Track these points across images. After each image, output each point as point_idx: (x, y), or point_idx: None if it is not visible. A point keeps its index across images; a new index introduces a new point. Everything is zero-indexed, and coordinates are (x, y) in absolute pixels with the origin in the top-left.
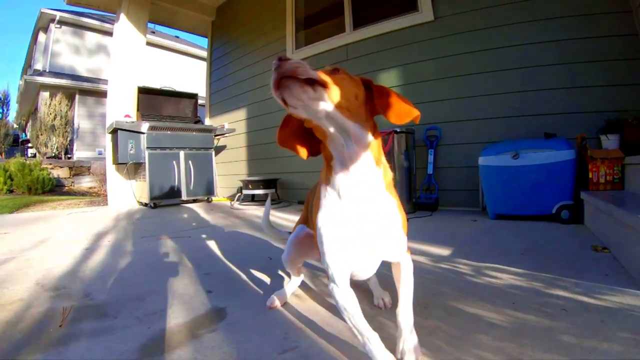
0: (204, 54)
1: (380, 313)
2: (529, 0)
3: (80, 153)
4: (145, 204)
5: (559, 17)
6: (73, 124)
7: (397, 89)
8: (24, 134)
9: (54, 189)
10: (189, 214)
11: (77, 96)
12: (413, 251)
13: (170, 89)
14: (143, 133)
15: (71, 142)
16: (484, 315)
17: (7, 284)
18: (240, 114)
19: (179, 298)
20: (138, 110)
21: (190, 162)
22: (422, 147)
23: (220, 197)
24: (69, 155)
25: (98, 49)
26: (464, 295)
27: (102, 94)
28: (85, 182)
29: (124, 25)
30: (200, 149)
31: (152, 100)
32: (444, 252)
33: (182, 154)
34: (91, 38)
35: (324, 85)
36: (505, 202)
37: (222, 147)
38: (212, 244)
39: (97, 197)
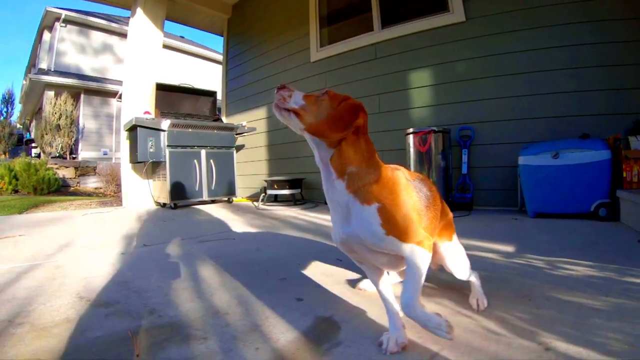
0: (209, 53)
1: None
2: (560, 4)
3: (85, 153)
4: (163, 204)
5: (588, 21)
6: (78, 124)
7: (428, 89)
8: (28, 133)
9: (60, 189)
10: (216, 214)
11: (82, 96)
12: (477, 248)
13: (189, 85)
14: (164, 130)
15: (76, 142)
16: (584, 302)
17: (43, 298)
18: (260, 113)
19: (269, 308)
20: (156, 107)
21: (211, 161)
22: (456, 147)
23: (239, 197)
24: (74, 156)
25: (104, 48)
26: (554, 286)
27: (108, 94)
28: (91, 183)
29: (140, 20)
30: (222, 148)
31: (169, 97)
32: (507, 248)
33: (203, 152)
34: (97, 37)
35: (297, 113)
36: (545, 200)
37: (241, 147)
38: (266, 247)
39: (104, 197)
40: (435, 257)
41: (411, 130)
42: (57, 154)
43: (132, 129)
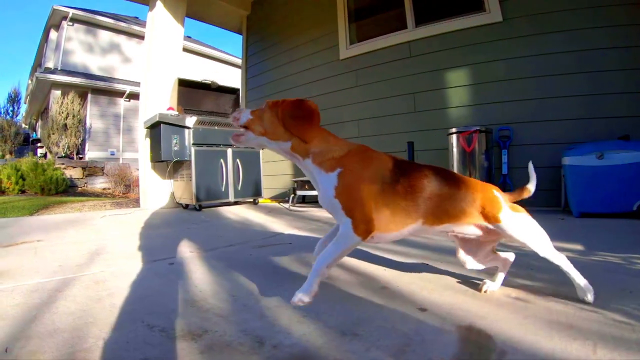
0: (216, 53)
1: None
2: (601, 7)
3: (92, 153)
4: (186, 206)
5: (630, 24)
6: (85, 124)
7: (466, 89)
8: (34, 133)
9: (67, 189)
10: (249, 216)
11: (89, 95)
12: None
13: (210, 82)
14: (189, 128)
15: (83, 142)
16: None
17: (97, 329)
18: None
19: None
20: (179, 104)
21: (238, 160)
22: (495, 147)
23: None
24: (81, 156)
25: (111, 47)
26: None
27: (116, 94)
28: (99, 183)
29: (160, 13)
30: (248, 147)
31: (191, 94)
32: (575, 247)
33: (229, 151)
34: (104, 36)
35: (250, 128)
36: (590, 200)
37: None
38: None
39: (113, 198)
40: (493, 236)
41: (454, 130)
42: (64, 154)
43: (154, 126)
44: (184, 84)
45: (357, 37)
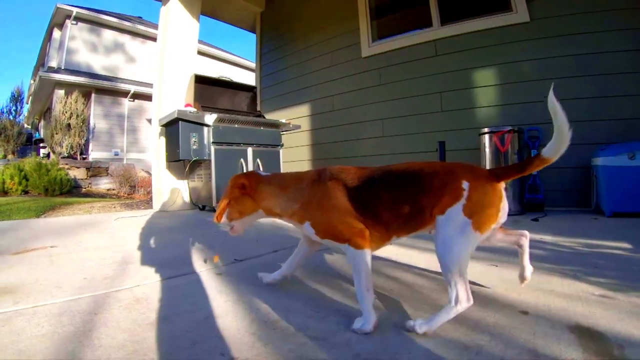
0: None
1: None
2: (627, 10)
3: (95, 154)
4: (202, 207)
5: None
6: (89, 124)
7: (493, 89)
8: (37, 133)
9: (72, 190)
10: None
11: (93, 95)
12: (596, 246)
13: (228, 79)
14: (208, 126)
15: (87, 142)
16: None
17: None
18: (301, 110)
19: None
20: (195, 100)
21: (258, 160)
22: (524, 147)
23: None
24: (84, 156)
25: (115, 47)
26: None
27: (119, 93)
28: (104, 184)
29: (175, 8)
30: (268, 146)
31: (208, 90)
32: (622, 244)
33: (250, 150)
34: (108, 36)
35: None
36: (622, 200)
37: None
38: (408, 259)
39: (119, 199)
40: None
41: (487, 129)
42: (66, 154)
43: (171, 124)
44: (200, 80)
45: (379, 35)
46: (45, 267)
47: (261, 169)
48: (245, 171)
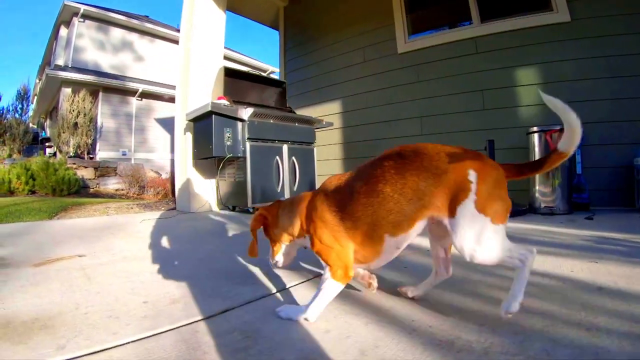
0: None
1: None
2: None
3: (103, 153)
4: (232, 208)
5: None
6: (96, 123)
7: (534, 88)
8: (43, 132)
9: (80, 190)
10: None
11: (100, 93)
12: None
13: (257, 72)
14: (243, 120)
15: (94, 141)
16: None
17: None
18: (331, 107)
19: None
20: (225, 94)
21: (293, 158)
22: None
23: None
24: (91, 155)
25: (123, 45)
26: None
27: (128, 92)
28: (112, 184)
29: None
30: (302, 144)
31: (236, 84)
32: None
33: (285, 148)
34: (116, 34)
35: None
36: None
37: None
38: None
39: (129, 199)
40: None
41: (536, 128)
42: (73, 154)
43: (202, 119)
44: (229, 73)
45: (415, 30)
46: (82, 284)
47: (297, 168)
48: (281, 171)
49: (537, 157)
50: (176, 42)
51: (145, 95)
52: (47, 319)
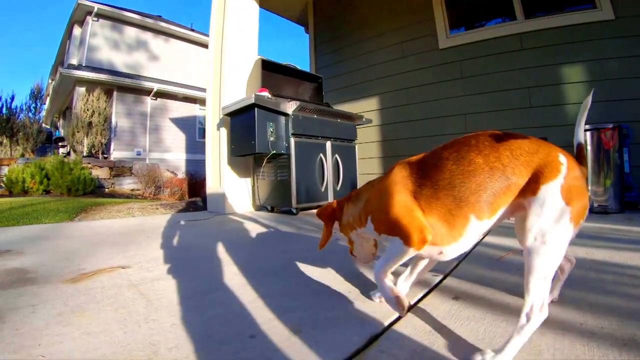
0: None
1: None
2: None
3: (118, 153)
4: (271, 209)
5: None
6: (111, 122)
7: (580, 86)
8: (57, 131)
9: (95, 190)
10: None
11: (115, 93)
12: None
13: (293, 66)
14: (286, 115)
15: (108, 141)
16: None
17: None
18: (367, 104)
19: None
20: (263, 87)
21: (337, 156)
22: None
23: None
24: (105, 155)
25: (138, 45)
26: None
27: (142, 92)
28: (127, 184)
29: None
30: (344, 141)
31: (272, 78)
32: None
33: (328, 145)
34: (131, 33)
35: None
36: None
37: None
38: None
39: (145, 199)
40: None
41: (588, 126)
42: (87, 153)
43: (242, 112)
44: (266, 66)
45: (456, 25)
46: (144, 310)
47: (340, 166)
48: (325, 169)
49: (589, 156)
50: (191, 41)
51: (159, 94)
52: None
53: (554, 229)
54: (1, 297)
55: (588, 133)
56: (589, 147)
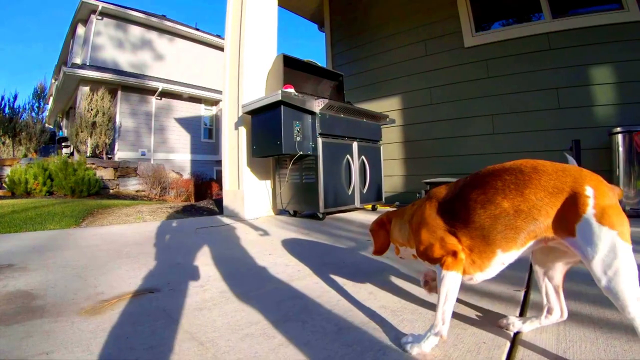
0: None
1: None
2: None
3: (122, 153)
4: (293, 213)
5: None
6: (115, 122)
7: (608, 87)
8: (60, 131)
9: (100, 191)
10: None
11: (119, 92)
12: None
13: (315, 63)
14: (313, 113)
15: (112, 141)
16: None
17: None
18: (388, 103)
19: None
20: (285, 84)
21: (363, 157)
22: None
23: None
24: (109, 155)
25: (142, 44)
26: None
27: (147, 91)
28: (132, 185)
29: None
30: (370, 142)
31: (293, 74)
32: None
33: (355, 145)
34: (135, 32)
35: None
36: None
37: None
38: None
39: (151, 201)
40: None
41: (620, 128)
42: (90, 154)
43: (265, 110)
44: (288, 62)
45: (482, 23)
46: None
47: (367, 168)
48: (352, 171)
49: (620, 157)
50: (196, 40)
51: (164, 94)
52: None
53: (614, 256)
54: (4, 339)
55: (620, 136)
56: (620, 149)
